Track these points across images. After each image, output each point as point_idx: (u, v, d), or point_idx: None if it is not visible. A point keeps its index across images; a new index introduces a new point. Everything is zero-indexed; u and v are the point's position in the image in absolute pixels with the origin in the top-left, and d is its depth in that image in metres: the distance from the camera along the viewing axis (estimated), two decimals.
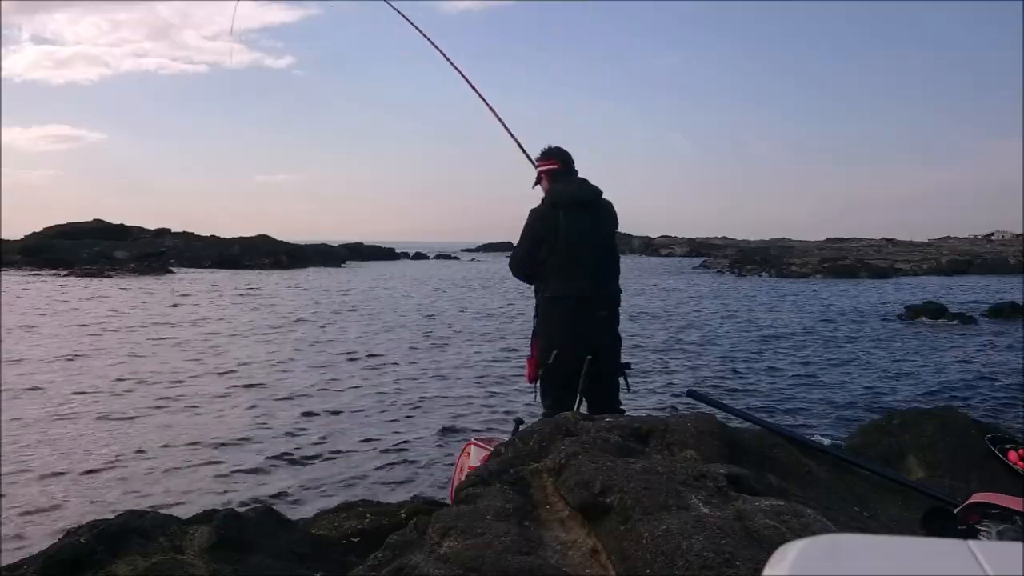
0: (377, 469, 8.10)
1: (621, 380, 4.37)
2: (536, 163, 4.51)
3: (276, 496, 6.97)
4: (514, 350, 16.22)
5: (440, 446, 8.83)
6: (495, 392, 11.98)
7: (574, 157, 4.51)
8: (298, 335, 19.17)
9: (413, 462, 8.33)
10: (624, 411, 4.14)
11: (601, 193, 4.38)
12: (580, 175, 4.45)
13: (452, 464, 5.58)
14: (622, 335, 4.50)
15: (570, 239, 4.20)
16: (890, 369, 14.87)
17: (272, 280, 41.13)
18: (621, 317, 4.49)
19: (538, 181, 4.50)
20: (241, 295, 31.44)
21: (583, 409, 4.01)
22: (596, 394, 4.16)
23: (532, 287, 4.43)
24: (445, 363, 15.14)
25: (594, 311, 4.21)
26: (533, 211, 4.35)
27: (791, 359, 16.01)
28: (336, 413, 10.63)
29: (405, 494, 6.65)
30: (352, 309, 26.52)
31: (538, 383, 4.30)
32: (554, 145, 4.50)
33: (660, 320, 23.23)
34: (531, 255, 4.32)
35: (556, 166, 4.39)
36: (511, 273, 4.54)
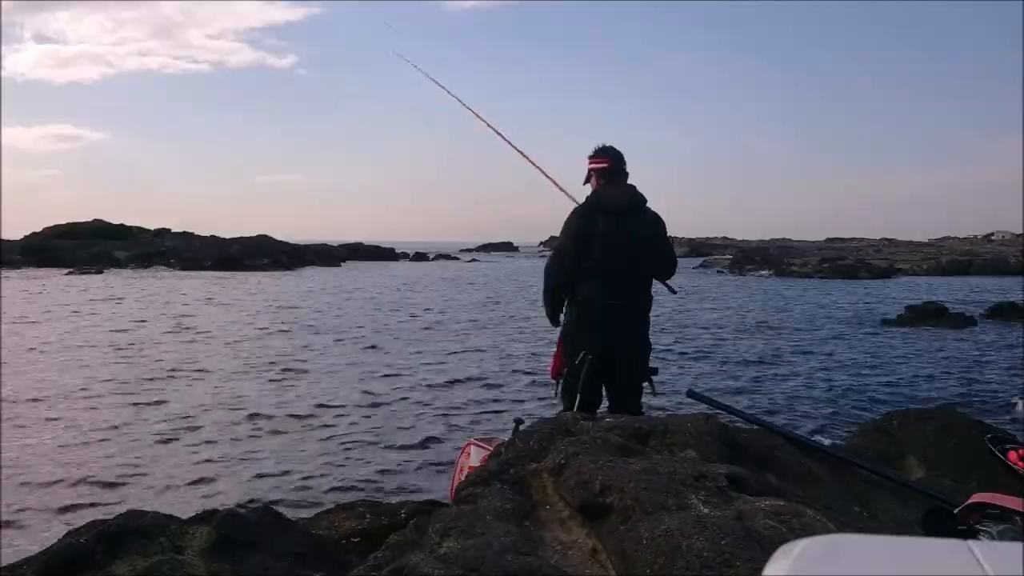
0: (377, 469, 8.10)
1: (646, 384, 4.42)
2: (589, 159, 4.51)
3: (276, 496, 6.98)
4: (512, 352, 16.23)
5: (440, 446, 8.83)
6: (495, 392, 11.98)
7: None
8: (297, 337, 19.18)
9: (413, 462, 8.33)
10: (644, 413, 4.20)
11: (645, 202, 4.37)
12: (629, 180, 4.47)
13: (452, 464, 5.58)
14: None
15: (606, 245, 4.22)
16: (890, 369, 14.87)
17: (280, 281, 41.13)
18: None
19: (588, 179, 4.51)
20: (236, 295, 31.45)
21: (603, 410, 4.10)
22: (616, 396, 4.20)
23: (544, 288, 4.46)
24: (445, 362, 15.14)
25: (623, 318, 4.24)
26: (575, 210, 4.38)
27: (791, 359, 16.02)
28: (335, 413, 10.63)
29: (405, 494, 6.66)
30: (357, 308, 26.53)
31: (561, 381, 4.35)
32: (608, 144, 4.48)
33: (660, 321, 23.23)
34: (572, 254, 4.30)
35: (606, 164, 4.38)
36: (546, 275, 4.45)
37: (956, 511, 2.54)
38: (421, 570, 2.15)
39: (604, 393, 4.32)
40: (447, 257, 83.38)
